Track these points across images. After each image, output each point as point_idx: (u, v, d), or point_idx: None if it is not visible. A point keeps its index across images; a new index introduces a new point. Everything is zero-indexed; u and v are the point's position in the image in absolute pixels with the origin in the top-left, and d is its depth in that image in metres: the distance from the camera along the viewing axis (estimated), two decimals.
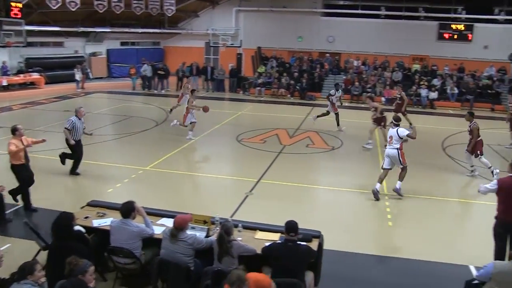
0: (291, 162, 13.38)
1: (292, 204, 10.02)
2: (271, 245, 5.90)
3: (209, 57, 33.50)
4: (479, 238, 8.51)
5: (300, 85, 26.43)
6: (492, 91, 25.66)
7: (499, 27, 29.74)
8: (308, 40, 31.97)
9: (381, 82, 26.46)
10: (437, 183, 12.14)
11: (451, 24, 30.47)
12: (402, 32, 30.52)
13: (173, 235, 5.86)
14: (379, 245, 8.23)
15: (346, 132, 17.16)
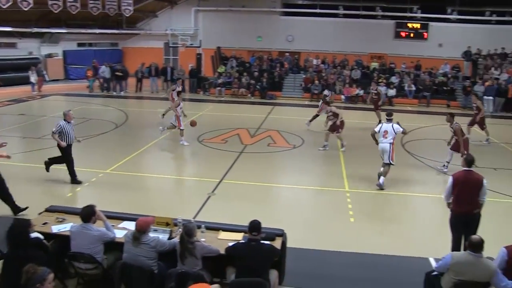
0: (252, 161, 13.44)
1: (254, 203, 10.06)
2: (234, 245, 5.92)
3: (169, 58, 33.25)
4: (438, 230, 8.80)
5: (261, 84, 26.56)
6: (447, 88, 26.50)
7: (453, 26, 30.77)
8: (268, 40, 32.14)
9: (341, 80, 26.88)
10: (397, 178, 12.41)
11: (407, 23, 31.31)
12: (360, 31, 31.11)
13: (136, 238, 5.81)
14: (341, 241, 8.35)
15: (307, 130, 17.33)
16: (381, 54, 31.03)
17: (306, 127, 17.79)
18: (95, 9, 27.60)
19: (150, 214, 6.51)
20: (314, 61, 29.34)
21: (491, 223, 7.31)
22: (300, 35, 31.81)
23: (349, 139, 15.43)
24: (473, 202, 7.10)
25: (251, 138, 16.13)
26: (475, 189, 7.07)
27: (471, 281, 5.46)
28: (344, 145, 14.84)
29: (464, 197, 7.11)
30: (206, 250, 5.84)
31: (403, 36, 31.41)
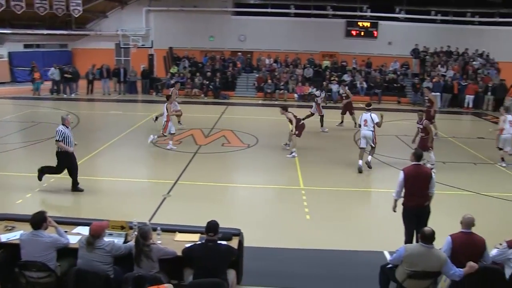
0: (207, 161, 13.41)
1: (210, 203, 10.04)
2: (191, 246, 5.90)
3: (120, 59, 32.65)
4: (392, 224, 8.99)
5: (214, 84, 26.49)
6: (397, 84, 27.31)
7: (401, 25, 31.77)
8: (220, 39, 32.10)
9: (293, 79, 27.17)
10: (351, 175, 12.68)
11: (358, 22, 32.02)
12: (311, 30, 31.58)
13: (90, 243, 5.70)
14: (298, 238, 8.45)
15: (263, 129, 17.40)
16: (332, 52, 31.58)
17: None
18: (42, 9, 26.79)
19: (104, 218, 6.40)
20: (266, 60, 29.50)
21: (441, 214, 7.58)
22: (252, 35, 31.96)
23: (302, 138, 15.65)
24: (424, 195, 7.39)
25: (205, 139, 16.08)
26: (425, 183, 7.35)
27: (424, 271, 5.67)
28: (288, 148, 14.57)
29: (415, 190, 7.37)
30: (163, 252, 5.79)
31: (353, 35, 32.08)
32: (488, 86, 25.17)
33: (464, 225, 6.08)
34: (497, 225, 8.36)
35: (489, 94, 25.07)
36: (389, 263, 6.19)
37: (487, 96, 25.18)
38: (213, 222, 5.83)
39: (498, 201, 10.87)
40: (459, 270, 5.62)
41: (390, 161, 13.74)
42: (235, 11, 32.42)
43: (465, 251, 5.88)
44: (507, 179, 12.80)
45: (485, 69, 27.73)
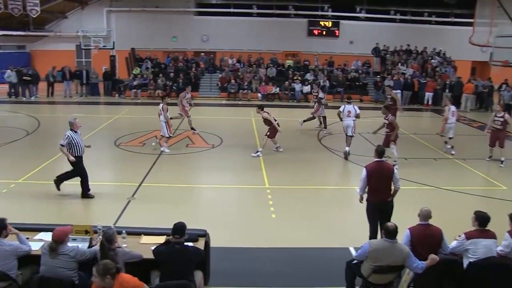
0: (172, 163, 13.29)
1: (176, 205, 9.96)
2: (158, 249, 5.83)
3: (81, 60, 32.02)
4: (357, 221, 9.13)
5: (177, 85, 26.26)
6: (359, 83, 27.74)
7: (362, 24, 32.41)
8: (183, 40, 31.94)
9: (257, 78, 27.23)
10: (315, 172, 12.83)
11: (320, 21, 32.41)
12: (274, 30, 31.79)
13: (53, 249, 5.56)
14: (264, 237, 8.47)
15: (227, 129, 17.36)
16: (295, 51, 31.84)
17: (299, 126, 17.85)
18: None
19: (68, 223, 6.27)
20: (229, 60, 29.49)
21: (403, 209, 7.73)
22: (215, 35, 31.94)
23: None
24: (387, 191, 7.54)
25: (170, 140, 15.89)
26: (387, 178, 7.49)
27: (388, 265, 5.78)
28: (281, 150, 14.50)
29: (378, 186, 7.52)
30: (128, 256, 5.72)
31: (315, 34, 32.48)
32: (446, 84, 25.86)
33: (422, 217, 6.28)
34: (457, 217, 8.58)
35: (447, 91, 25.76)
36: (354, 259, 6.27)
37: (445, 93, 25.85)
38: (180, 224, 5.80)
39: (457, 194, 11.18)
40: (422, 263, 5.77)
41: (354, 158, 13.93)
42: (197, 11, 32.31)
43: (423, 242, 6.07)
44: (465, 173, 13.17)
45: (442, 67, 28.58)
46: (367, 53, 30.89)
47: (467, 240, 6.09)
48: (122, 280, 4.90)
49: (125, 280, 4.94)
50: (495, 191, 11.57)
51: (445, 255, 6.15)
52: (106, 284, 4.80)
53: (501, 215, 6.62)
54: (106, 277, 4.78)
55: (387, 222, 6.13)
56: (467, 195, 11.11)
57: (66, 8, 32.29)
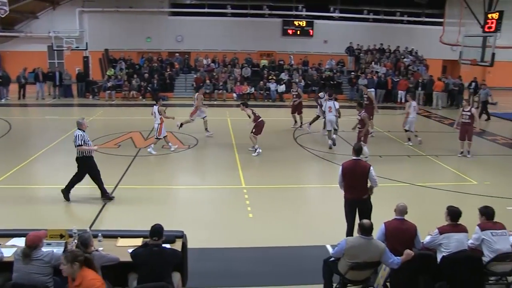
0: (148, 164, 13.19)
1: (152, 206, 9.88)
2: (136, 251, 5.77)
3: (54, 62, 31.50)
4: (333, 218, 9.23)
5: (152, 86, 26.07)
6: (334, 82, 27.95)
7: (336, 24, 32.73)
8: (157, 40, 31.70)
9: (232, 78, 27.22)
10: (292, 171, 12.88)
11: (294, 21, 32.55)
12: (249, 30, 31.84)
13: (26, 255, 5.43)
14: (242, 237, 8.47)
15: (203, 130, 17.25)
16: (270, 51, 31.93)
17: (308, 130, 17.73)
18: None
19: (42, 227, 6.15)
20: (204, 60, 29.36)
21: (378, 206, 7.82)
22: (190, 35, 31.81)
23: (242, 136, 15.85)
24: (362, 189, 7.63)
25: (145, 141, 15.77)
26: (362, 176, 7.59)
27: (364, 262, 5.85)
28: (255, 149, 14.31)
29: (353, 184, 7.63)
30: (105, 259, 5.65)
31: (290, 34, 32.63)
32: (419, 82, 26.32)
33: (398, 212, 6.41)
34: (430, 212, 8.73)
35: (420, 89, 26.22)
36: (331, 256, 6.33)
37: (418, 91, 26.31)
38: (157, 226, 5.75)
39: (430, 190, 11.37)
40: (397, 258, 5.86)
41: (330, 157, 14.05)
42: (171, 12, 32.12)
43: (398, 237, 6.21)
44: (437, 169, 13.43)
45: (415, 66, 29.08)
46: (341, 52, 31.18)
47: (440, 235, 6.24)
48: (85, 274, 4.90)
49: (87, 274, 4.92)
50: (466, 186, 11.80)
51: (419, 250, 6.27)
52: (74, 270, 4.85)
53: (472, 209, 6.76)
54: (74, 264, 4.83)
55: (365, 219, 6.22)
56: (440, 191, 11.29)
57: (37, 8, 31.68)
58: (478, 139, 17.57)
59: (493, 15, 18.07)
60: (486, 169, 13.65)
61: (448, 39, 25.02)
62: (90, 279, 4.90)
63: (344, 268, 5.95)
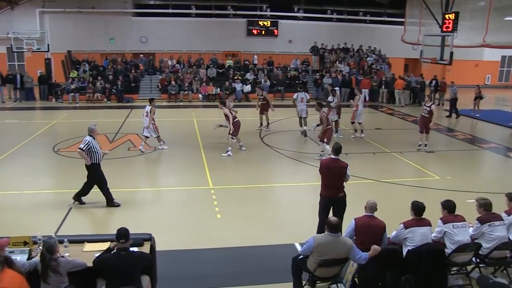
0: (114, 167, 12.91)
1: (119, 210, 9.75)
2: (102, 256, 5.68)
3: (13, 64, 30.63)
4: (301, 216, 9.36)
5: (116, 88, 25.71)
6: (299, 81, 28.13)
7: (300, 23, 33.03)
8: (121, 41, 31.22)
9: (197, 79, 27.07)
10: (259, 171, 12.93)
11: (258, 21, 32.63)
12: (213, 30, 31.78)
13: None
14: (211, 238, 8.44)
15: (169, 131, 17.13)
16: (235, 51, 31.94)
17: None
18: None
19: (4, 235, 5.98)
20: (169, 61, 29.14)
21: (348, 203, 7.92)
22: (154, 36, 31.50)
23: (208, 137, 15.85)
24: (338, 187, 7.80)
25: (110, 144, 15.56)
26: (339, 176, 7.76)
27: (333, 258, 5.93)
28: (227, 150, 14.27)
29: (329, 182, 7.81)
30: (71, 265, 5.53)
31: (255, 34, 32.69)
32: (382, 80, 26.84)
33: (368, 209, 6.54)
34: (395, 208, 8.92)
35: (383, 88, 26.73)
36: (300, 254, 6.38)
37: (381, 89, 26.84)
38: (123, 229, 5.67)
39: (396, 186, 11.62)
40: (364, 254, 5.96)
41: (296, 155, 14.17)
42: (135, 12, 31.70)
43: (367, 232, 6.35)
44: (402, 166, 13.72)
45: (378, 65, 29.60)
46: (305, 51, 31.50)
47: (405, 229, 6.40)
48: (8, 274, 4.82)
49: (10, 275, 4.84)
50: (429, 181, 12.11)
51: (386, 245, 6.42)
52: None
53: (436, 203, 6.97)
54: None
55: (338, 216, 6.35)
56: (405, 187, 11.56)
57: None
58: (439, 135, 18.08)
59: (450, 16, 18.59)
60: (447, 164, 14.07)
61: (409, 38, 25.56)
62: (12, 278, 4.83)
63: (313, 265, 6.02)
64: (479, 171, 14.14)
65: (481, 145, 16.68)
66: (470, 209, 7.16)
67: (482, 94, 22.99)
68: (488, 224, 6.61)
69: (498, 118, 21.92)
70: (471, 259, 6.65)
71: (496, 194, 8.73)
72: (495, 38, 18.75)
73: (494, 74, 38.60)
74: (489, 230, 6.59)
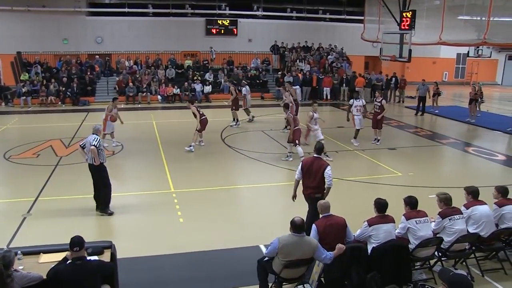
0: (71, 173, 12.63)
1: (77, 218, 9.50)
2: (56, 268, 5.46)
3: None
4: (266, 218, 9.41)
5: (71, 90, 25.15)
6: (260, 81, 28.26)
7: (260, 22, 33.21)
8: (75, 42, 30.51)
9: (156, 80, 26.81)
10: (221, 172, 12.92)
11: (217, 20, 32.61)
12: (171, 29, 31.56)
13: None
14: (174, 243, 8.37)
15: (128, 135, 16.90)
16: (194, 51, 31.78)
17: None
18: None
19: None
20: (126, 62, 28.73)
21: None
22: (110, 36, 31.00)
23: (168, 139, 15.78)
24: (316, 187, 7.97)
25: (67, 149, 15.20)
26: (317, 174, 7.93)
27: (298, 259, 5.98)
28: (190, 145, 14.89)
29: (308, 180, 8.05)
30: (26, 279, 5.26)
31: (214, 33, 32.66)
32: (343, 78, 27.27)
33: (323, 210, 6.67)
34: (359, 206, 9.09)
35: (344, 86, 27.18)
36: (265, 256, 6.41)
37: (343, 88, 27.28)
38: (76, 237, 5.48)
39: (359, 184, 11.83)
40: (329, 253, 6.05)
41: (257, 156, 14.22)
42: (89, 12, 31.05)
43: (329, 232, 6.44)
44: (364, 164, 13.99)
45: (338, 63, 30.03)
46: (266, 50, 31.67)
47: (369, 227, 6.53)
48: None
49: None
50: (392, 178, 12.38)
51: (349, 242, 6.53)
52: None
53: (399, 200, 7.14)
54: None
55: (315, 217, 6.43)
56: (368, 184, 11.78)
57: None
58: (401, 132, 18.54)
59: (407, 14, 19.05)
60: (409, 160, 14.43)
61: (369, 36, 26.02)
62: None
63: (279, 267, 6.06)
64: (440, 167, 14.55)
65: (441, 140, 17.20)
66: (432, 204, 7.39)
67: (440, 91, 23.78)
68: (449, 218, 6.85)
69: (456, 114, 22.72)
70: (434, 253, 6.87)
71: (455, 188, 9.02)
72: (450, 36, 19.36)
73: (450, 71, 40.09)
74: (449, 224, 6.83)
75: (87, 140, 9.77)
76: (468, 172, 13.80)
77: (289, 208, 8.47)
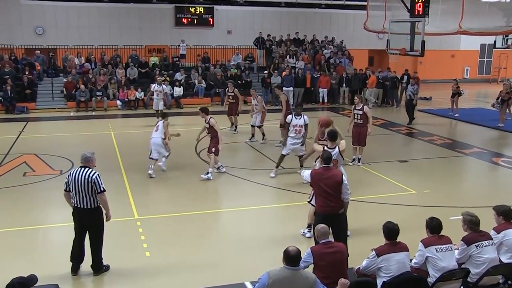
0: (5, 199, 12.37)
1: (15, 255, 9.33)
2: None
3: None
4: (250, 248, 9.34)
5: (4, 94, 24.78)
6: (242, 81, 27.97)
7: (241, 10, 33.22)
8: (8, 33, 29.70)
9: (114, 82, 26.59)
10: (195, 194, 12.82)
11: (189, 7, 32.55)
12: (133, 19, 31.49)
13: None
14: (139, 282, 8.27)
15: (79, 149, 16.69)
16: (161, 46, 31.65)
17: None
18: None
19: None
20: (76, 59, 28.48)
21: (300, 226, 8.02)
22: (54, 26, 30.68)
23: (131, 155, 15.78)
24: (336, 201, 8.01)
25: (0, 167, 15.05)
26: (334, 186, 8.01)
27: None
28: (210, 172, 14.01)
29: (323, 196, 8.06)
30: None
31: (185, 23, 32.62)
32: (343, 77, 27.27)
33: (320, 236, 6.71)
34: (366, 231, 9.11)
35: (344, 86, 27.17)
36: None
37: (342, 88, 27.28)
38: (15, 280, 5.34)
39: (366, 204, 11.77)
40: None
41: (237, 172, 14.17)
42: None
43: (329, 263, 6.44)
44: (370, 180, 13.96)
45: (337, 58, 30.07)
46: (249, 44, 31.63)
47: (378, 257, 6.50)
48: None
49: None
50: (404, 197, 12.45)
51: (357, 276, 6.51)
52: None
53: (413, 223, 7.14)
54: None
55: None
56: (377, 205, 11.77)
57: None
58: (413, 140, 18.65)
59: None
60: (424, 175, 14.48)
61: (373, 25, 26.12)
62: None
63: None
64: (462, 182, 14.68)
65: (463, 150, 17.33)
66: (456, 227, 7.38)
67: (461, 90, 23.90)
68: (476, 245, 6.82)
69: (480, 118, 22.88)
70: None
71: (482, 208, 9.07)
72: (472, 23, 19.47)
73: (473, 66, 40.25)
74: (477, 252, 6.79)
75: (75, 178, 9.17)
76: (498, 188, 13.86)
77: (280, 236, 8.44)
